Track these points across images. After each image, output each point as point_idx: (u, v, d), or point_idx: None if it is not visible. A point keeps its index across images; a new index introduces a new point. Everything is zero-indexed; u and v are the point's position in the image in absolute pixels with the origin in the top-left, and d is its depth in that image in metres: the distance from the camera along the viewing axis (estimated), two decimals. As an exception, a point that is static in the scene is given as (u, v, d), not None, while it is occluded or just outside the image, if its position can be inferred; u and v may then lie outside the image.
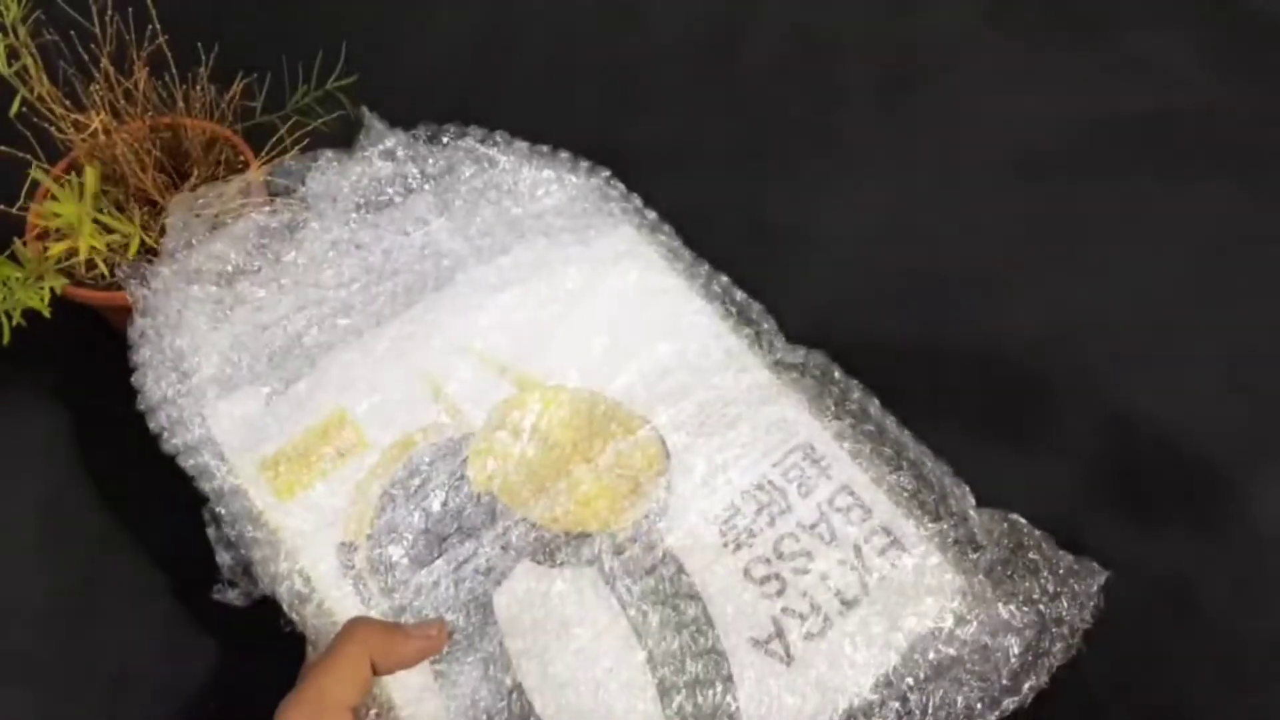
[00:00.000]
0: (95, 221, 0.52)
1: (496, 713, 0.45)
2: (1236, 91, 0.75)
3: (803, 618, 0.47)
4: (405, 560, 0.48)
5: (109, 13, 0.52)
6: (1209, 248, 0.68)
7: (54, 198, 0.51)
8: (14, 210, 0.54)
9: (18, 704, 0.50)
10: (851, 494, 0.50)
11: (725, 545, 0.49)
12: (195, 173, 0.57)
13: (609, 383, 0.53)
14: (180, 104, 0.56)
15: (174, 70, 0.55)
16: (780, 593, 0.48)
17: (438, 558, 0.48)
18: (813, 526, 0.49)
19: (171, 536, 0.52)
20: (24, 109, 0.50)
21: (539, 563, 0.48)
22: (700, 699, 0.45)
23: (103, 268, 0.53)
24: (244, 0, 0.77)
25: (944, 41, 0.80)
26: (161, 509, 0.53)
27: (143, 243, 0.54)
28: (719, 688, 0.45)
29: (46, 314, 0.50)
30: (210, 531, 0.48)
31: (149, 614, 0.52)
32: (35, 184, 0.54)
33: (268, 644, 0.48)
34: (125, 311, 0.53)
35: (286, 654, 0.48)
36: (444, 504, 0.49)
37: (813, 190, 0.71)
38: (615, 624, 0.47)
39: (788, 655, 0.46)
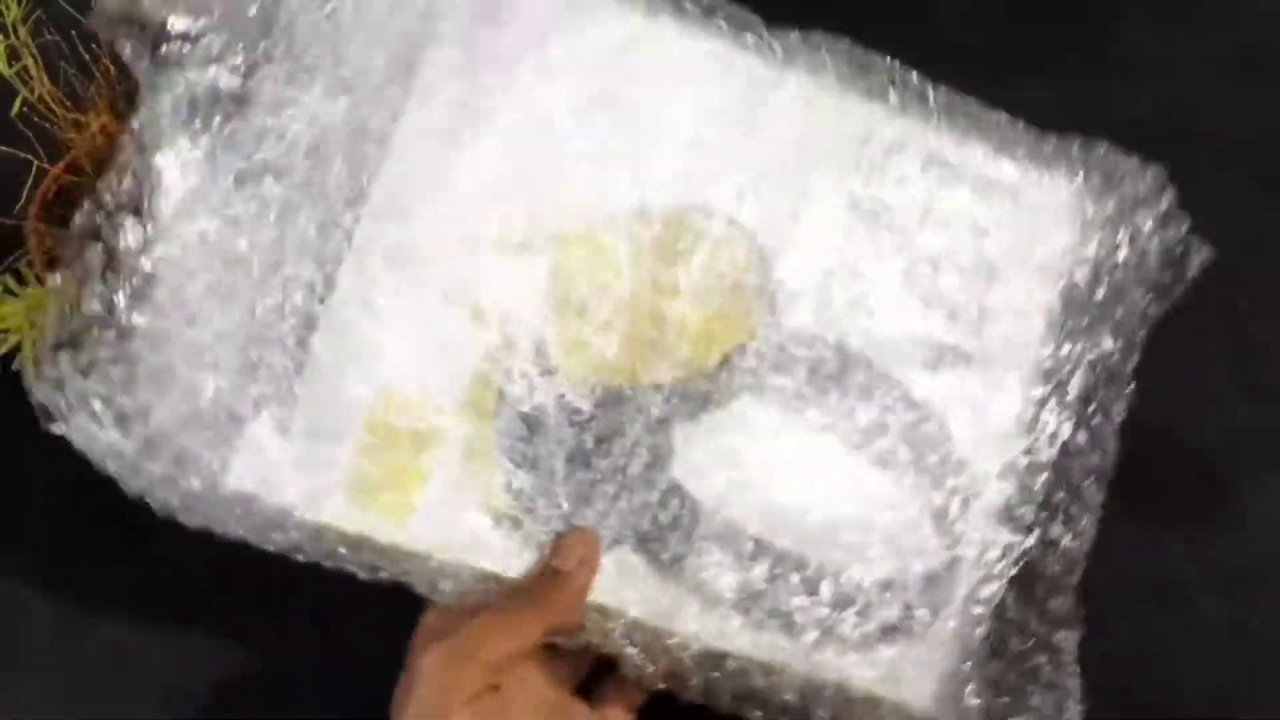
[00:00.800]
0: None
1: (765, 580, 0.43)
2: (1235, 90, 0.76)
3: (955, 314, 0.46)
4: (567, 503, 0.43)
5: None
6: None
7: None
8: (14, 211, 0.52)
9: (19, 706, 0.49)
10: (942, 164, 0.47)
11: (853, 291, 0.45)
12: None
13: (649, 190, 0.45)
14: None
15: None
16: (928, 305, 0.46)
17: (598, 481, 0.43)
18: (923, 218, 0.46)
19: (174, 540, 0.51)
20: (24, 109, 0.49)
21: (694, 419, 0.44)
22: (918, 450, 0.44)
23: None
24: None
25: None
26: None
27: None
28: (925, 427, 0.45)
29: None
30: None
31: (152, 617, 0.50)
32: (37, 183, 0.52)
33: (272, 649, 0.47)
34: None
35: (291, 660, 0.48)
36: (567, 423, 0.43)
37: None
38: (803, 433, 0.44)
39: (965, 356, 0.45)
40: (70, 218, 0.48)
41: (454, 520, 0.42)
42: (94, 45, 0.50)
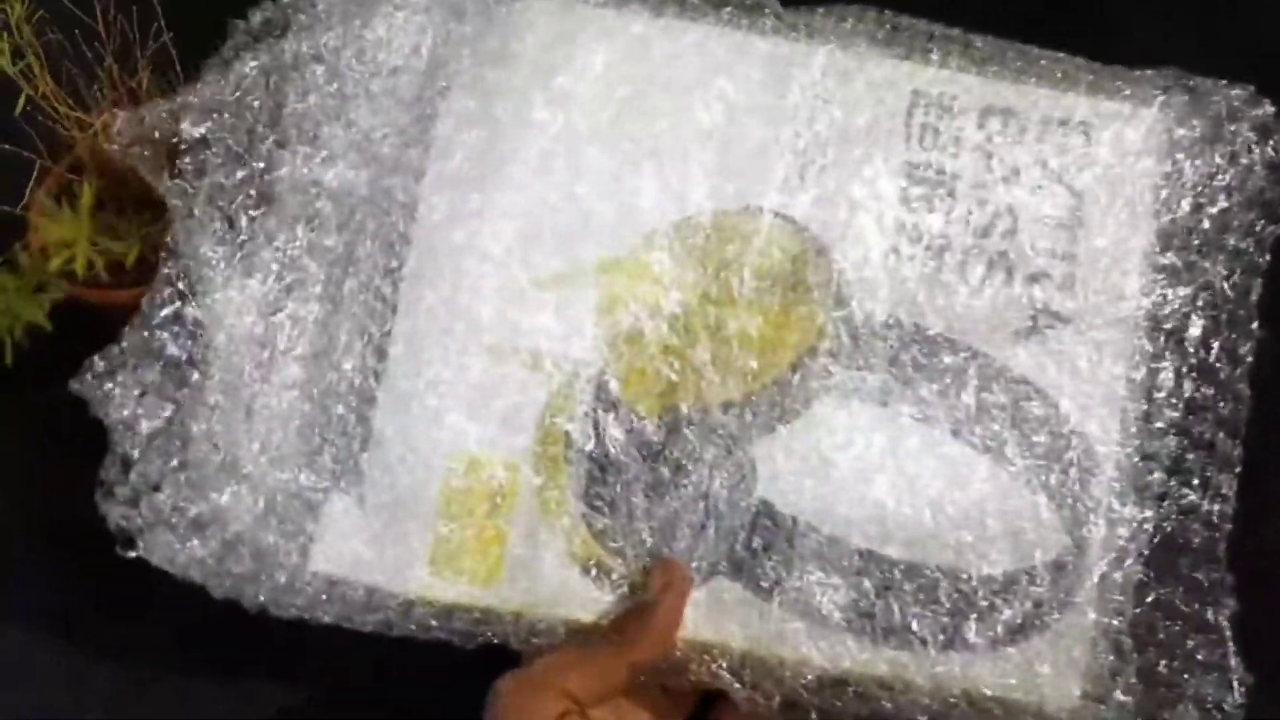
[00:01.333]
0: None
1: (876, 593, 0.40)
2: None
3: (1043, 273, 0.42)
4: (653, 540, 0.41)
5: (112, 13, 0.51)
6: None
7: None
8: (17, 211, 0.52)
9: (17, 709, 0.49)
10: (1002, 112, 0.43)
11: (926, 268, 0.42)
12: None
13: (686, 199, 0.42)
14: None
15: (179, 69, 0.53)
16: (1010, 270, 0.42)
17: (681, 511, 0.41)
18: (987, 175, 0.42)
19: (179, 594, 0.49)
20: (28, 108, 0.49)
21: (773, 432, 0.41)
22: (1024, 429, 0.41)
23: (102, 273, 0.50)
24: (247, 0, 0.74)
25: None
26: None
27: (141, 255, 0.50)
28: (1028, 402, 0.41)
29: (47, 327, 0.48)
30: None
31: (154, 669, 0.49)
32: (39, 183, 0.52)
33: (274, 654, 0.46)
34: (130, 311, 0.46)
35: (293, 664, 0.47)
36: (639, 458, 0.41)
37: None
38: (895, 429, 0.41)
39: (1061, 318, 0.42)
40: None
41: (541, 575, 0.41)
42: (97, 44, 0.51)
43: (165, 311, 0.41)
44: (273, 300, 0.42)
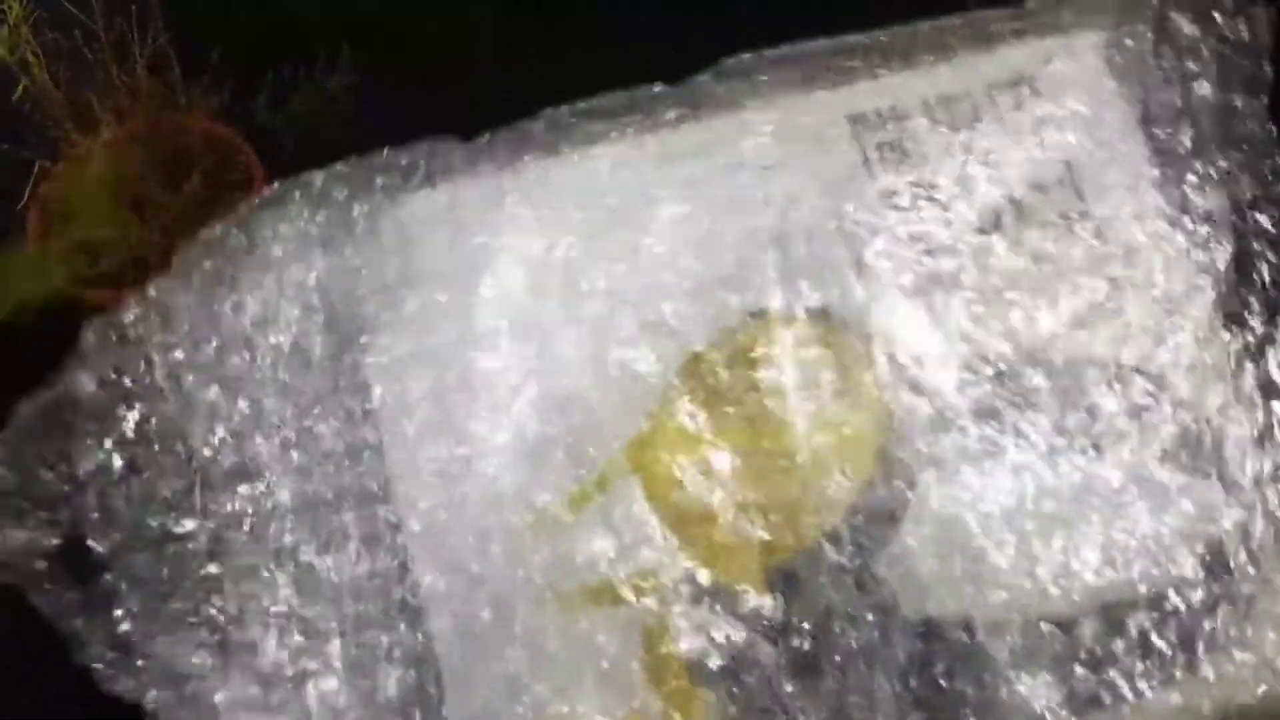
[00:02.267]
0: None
1: (1087, 666, 0.35)
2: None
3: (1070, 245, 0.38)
4: None
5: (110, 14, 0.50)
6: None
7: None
8: (16, 211, 0.50)
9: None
10: (942, 101, 0.39)
11: (967, 302, 0.37)
12: (195, 168, 0.52)
13: (681, 342, 0.37)
14: (182, 102, 0.53)
15: (177, 69, 0.52)
16: (1034, 254, 0.37)
17: (842, 677, 0.35)
18: (966, 171, 0.38)
19: None
20: (26, 108, 0.49)
21: (893, 538, 0.35)
22: (1140, 417, 0.37)
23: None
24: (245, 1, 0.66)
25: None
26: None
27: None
28: (1135, 388, 0.37)
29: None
30: None
31: None
32: (38, 183, 0.51)
33: None
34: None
35: None
36: (767, 642, 0.35)
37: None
38: (1017, 474, 0.36)
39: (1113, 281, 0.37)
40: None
41: None
42: (95, 44, 0.50)
43: None
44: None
